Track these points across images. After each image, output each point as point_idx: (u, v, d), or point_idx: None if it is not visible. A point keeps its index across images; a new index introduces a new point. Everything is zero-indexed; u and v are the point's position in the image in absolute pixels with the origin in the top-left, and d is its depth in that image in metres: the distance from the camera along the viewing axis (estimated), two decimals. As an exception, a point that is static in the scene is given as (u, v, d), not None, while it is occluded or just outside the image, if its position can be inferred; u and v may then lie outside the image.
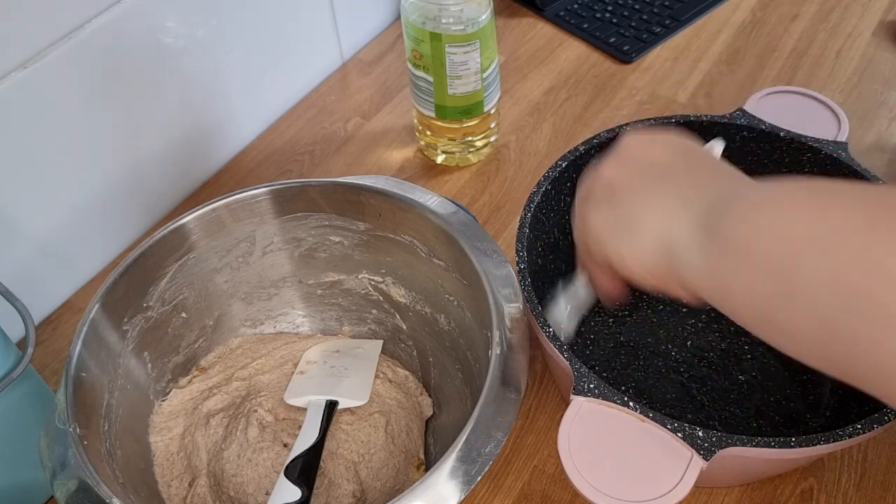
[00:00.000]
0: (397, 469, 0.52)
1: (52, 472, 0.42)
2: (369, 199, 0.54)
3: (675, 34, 0.87)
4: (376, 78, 0.85)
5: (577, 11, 0.90)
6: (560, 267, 0.60)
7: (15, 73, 0.55)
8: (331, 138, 0.79)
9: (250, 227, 0.55)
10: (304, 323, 0.61)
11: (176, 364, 0.56)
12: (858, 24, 0.86)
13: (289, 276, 0.59)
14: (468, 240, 0.50)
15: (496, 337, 0.45)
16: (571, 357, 0.45)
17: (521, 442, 0.56)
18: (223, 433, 0.53)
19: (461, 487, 0.39)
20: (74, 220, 0.65)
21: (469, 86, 0.67)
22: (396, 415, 0.54)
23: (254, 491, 0.51)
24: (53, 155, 0.60)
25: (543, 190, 0.55)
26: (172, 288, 0.54)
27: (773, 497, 0.52)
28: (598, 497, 0.40)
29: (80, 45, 0.58)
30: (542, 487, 0.53)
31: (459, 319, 0.53)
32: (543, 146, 0.76)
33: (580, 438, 0.42)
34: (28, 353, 0.45)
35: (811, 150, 0.56)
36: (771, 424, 0.55)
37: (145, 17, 0.62)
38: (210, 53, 0.70)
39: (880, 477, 0.53)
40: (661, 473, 0.41)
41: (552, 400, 0.58)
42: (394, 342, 0.59)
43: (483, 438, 0.41)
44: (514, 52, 0.86)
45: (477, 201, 0.72)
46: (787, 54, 0.83)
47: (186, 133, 0.71)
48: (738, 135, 0.58)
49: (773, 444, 0.41)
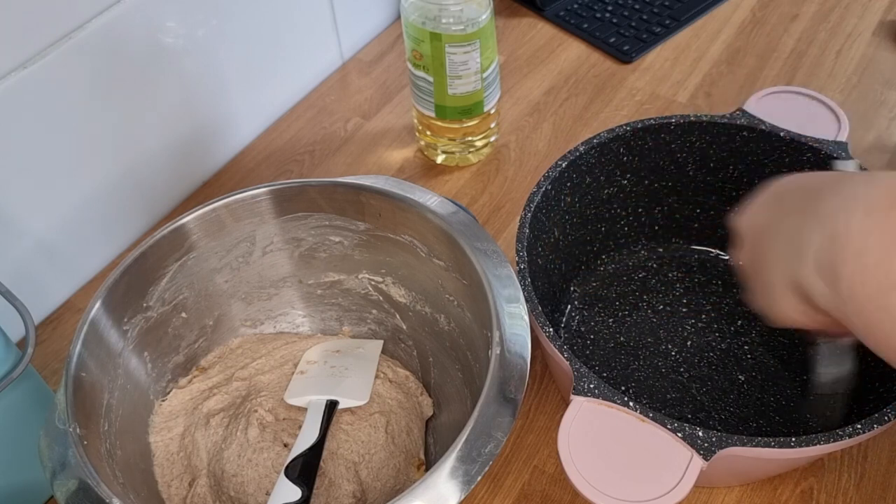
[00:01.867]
0: (397, 469, 0.52)
1: (52, 472, 0.42)
2: (369, 199, 0.54)
3: (675, 34, 0.87)
4: (376, 78, 0.85)
5: (577, 11, 0.90)
6: (560, 267, 0.60)
7: (15, 73, 0.55)
8: (331, 138, 0.79)
9: (250, 227, 0.55)
10: (305, 323, 0.61)
11: (176, 364, 0.56)
12: (858, 24, 0.86)
13: (289, 276, 0.59)
14: (468, 240, 0.50)
15: (496, 337, 0.45)
16: (571, 357, 0.45)
17: (521, 442, 0.56)
18: (223, 433, 0.53)
19: (461, 487, 0.39)
20: (74, 220, 0.65)
21: (469, 86, 0.67)
22: (397, 415, 0.54)
23: (254, 491, 0.51)
24: (53, 155, 0.61)
25: (543, 190, 0.55)
26: (172, 288, 0.54)
27: (773, 497, 0.52)
28: (598, 497, 0.40)
29: (80, 45, 0.58)
30: (542, 487, 0.53)
31: (459, 319, 0.53)
32: (543, 146, 0.76)
33: (580, 438, 0.42)
34: (28, 353, 0.45)
35: (811, 150, 0.56)
36: (771, 424, 0.55)
37: (145, 17, 0.62)
38: (210, 53, 0.70)
39: (880, 477, 0.53)
40: (661, 473, 0.41)
41: (552, 400, 0.58)
42: (394, 342, 0.59)
43: (483, 438, 0.41)
44: (514, 52, 0.86)
45: (477, 201, 0.72)
46: (787, 54, 0.83)
47: (186, 133, 0.71)
48: (738, 135, 0.58)
49: (773, 444, 0.41)
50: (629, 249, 0.65)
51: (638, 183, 0.61)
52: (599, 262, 0.64)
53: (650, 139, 0.58)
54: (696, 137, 0.59)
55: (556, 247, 0.59)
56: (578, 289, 0.63)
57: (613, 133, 0.57)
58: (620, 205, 0.62)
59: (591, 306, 0.62)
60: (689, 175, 0.61)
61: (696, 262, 0.64)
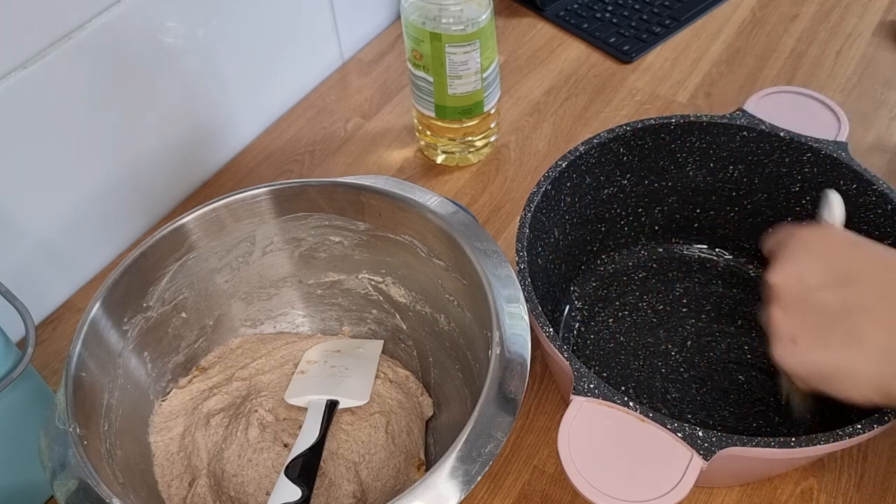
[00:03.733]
0: (398, 469, 0.52)
1: (52, 472, 0.42)
2: (369, 199, 0.54)
3: (675, 34, 0.87)
4: (376, 78, 0.85)
5: (577, 11, 0.90)
6: (560, 267, 0.60)
7: (15, 73, 0.55)
8: (331, 138, 0.79)
9: (250, 227, 0.55)
10: (304, 323, 0.61)
11: (176, 364, 0.56)
12: (858, 24, 0.86)
13: (289, 276, 0.59)
14: (468, 240, 0.50)
15: (496, 337, 0.45)
16: (571, 357, 0.45)
17: (521, 442, 0.56)
18: (223, 433, 0.53)
19: (461, 487, 0.39)
20: (74, 220, 0.65)
21: (469, 86, 0.67)
22: (397, 415, 0.54)
23: (254, 491, 0.51)
24: (53, 155, 0.61)
25: (543, 190, 0.55)
26: (172, 288, 0.54)
27: (773, 497, 0.52)
28: (598, 497, 0.40)
29: (80, 45, 0.58)
30: (542, 487, 0.53)
31: (459, 319, 0.53)
32: (543, 146, 0.76)
33: (580, 438, 0.42)
34: (28, 353, 0.45)
35: (811, 150, 0.56)
36: (771, 424, 0.55)
37: (145, 17, 0.62)
38: (210, 53, 0.70)
39: (880, 477, 0.53)
40: (661, 473, 0.41)
41: (552, 400, 0.58)
42: (394, 342, 0.59)
43: (483, 438, 0.41)
44: (514, 52, 0.86)
45: (477, 201, 0.72)
46: (787, 54, 0.83)
47: (186, 133, 0.71)
48: (737, 135, 0.58)
49: (773, 444, 0.41)
50: (629, 249, 0.65)
51: (638, 183, 0.61)
52: (599, 262, 0.64)
53: (650, 139, 0.58)
54: (696, 137, 0.59)
55: (556, 247, 0.59)
56: (578, 289, 0.63)
57: (613, 133, 0.57)
58: (620, 205, 0.62)
59: (591, 306, 0.62)
60: (689, 175, 0.61)
61: (696, 262, 0.64)
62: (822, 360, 0.42)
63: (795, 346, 0.43)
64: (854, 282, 0.41)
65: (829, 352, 0.41)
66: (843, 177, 0.54)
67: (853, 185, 0.54)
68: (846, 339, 0.41)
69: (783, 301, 0.44)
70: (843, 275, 0.42)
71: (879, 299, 0.40)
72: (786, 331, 0.43)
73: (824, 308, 0.42)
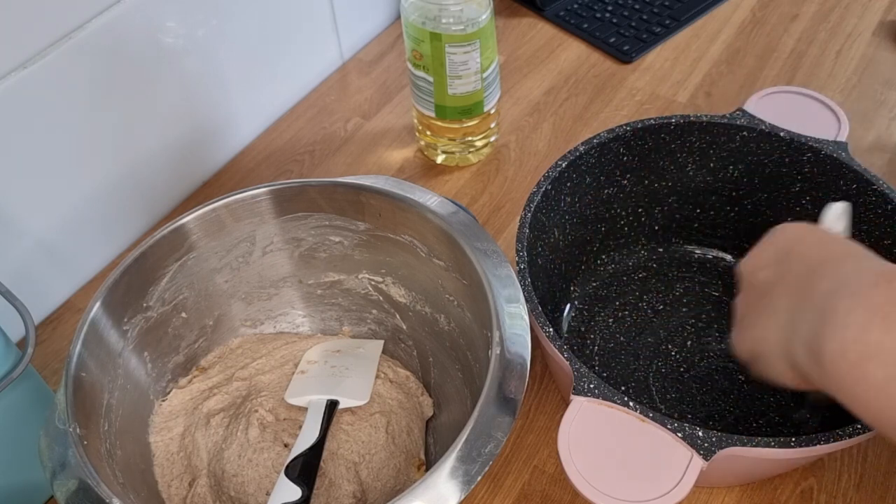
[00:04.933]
0: (398, 469, 0.52)
1: (52, 472, 0.42)
2: (369, 199, 0.54)
3: (675, 34, 0.87)
4: (376, 78, 0.85)
5: (577, 11, 0.90)
6: (560, 267, 0.60)
7: (15, 73, 0.55)
8: (331, 138, 0.79)
9: (250, 227, 0.55)
10: (305, 323, 0.61)
11: (176, 364, 0.56)
12: (858, 24, 0.86)
13: (289, 276, 0.59)
14: (468, 240, 0.50)
15: (496, 337, 0.45)
16: (571, 357, 0.45)
17: (521, 442, 0.56)
18: (223, 433, 0.53)
19: (461, 487, 0.39)
20: (74, 220, 0.65)
21: (469, 86, 0.67)
22: (397, 415, 0.54)
23: (254, 491, 0.51)
24: (53, 155, 0.61)
25: (543, 190, 0.55)
26: (172, 288, 0.54)
27: (773, 497, 0.52)
28: (598, 497, 0.40)
29: (80, 45, 0.58)
30: (542, 487, 0.53)
31: (459, 319, 0.53)
32: (543, 146, 0.76)
33: (580, 438, 0.42)
34: (28, 353, 0.45)
35: (811, 150, 0.56)
36: (771, 424, 0.55)
37: (145, 17, 0.62)
38: (210, 53, 0.70)
39: (880, 477, 0.53)
40: (661, 473, 0.41)
41: (552, 400, 0.58)
42: (394, 342, 0.59)
43: (483, 438, 0.41)
44: (514, 52, 0.86)
45: (477, 201, 0.72)
46: (787, 54, 0.83)
47: (186, 133, 0.71)
48: (737, 135, 0.58)
49: (773, 444, 0.41)
50: (629, 249, 0.65)
51: (638, 183, 0.61)
52: (599, 262, 0.64)
53: (650, 139, 0.58)
54: (696, 137, 0.59)
55: (556, 247, 0.59)
56: (578, 289, 0.63)
57: (613, 133, 0.57)
58: (620, 205, 0.62)
59: (591, 306, 0.62)
60: (689, 175, 0.61)
61: (696, 262, 0.64)
62: (749, 336, 0.42)
63: (739, 328, 0.44)
64: (787, 259, 0.41)
65: (755, 327, 0.42)
66: (843, 177, 0.54)
67: (853, 185, 0.54)
68: (765, 310, 0.41)
69: (740, 287, 0.45)
70: (783, 254, 0.42)
71: (799, 271, 0.40)
72: (738, 315, 0.44)
73: (762, 286, 0.42)
